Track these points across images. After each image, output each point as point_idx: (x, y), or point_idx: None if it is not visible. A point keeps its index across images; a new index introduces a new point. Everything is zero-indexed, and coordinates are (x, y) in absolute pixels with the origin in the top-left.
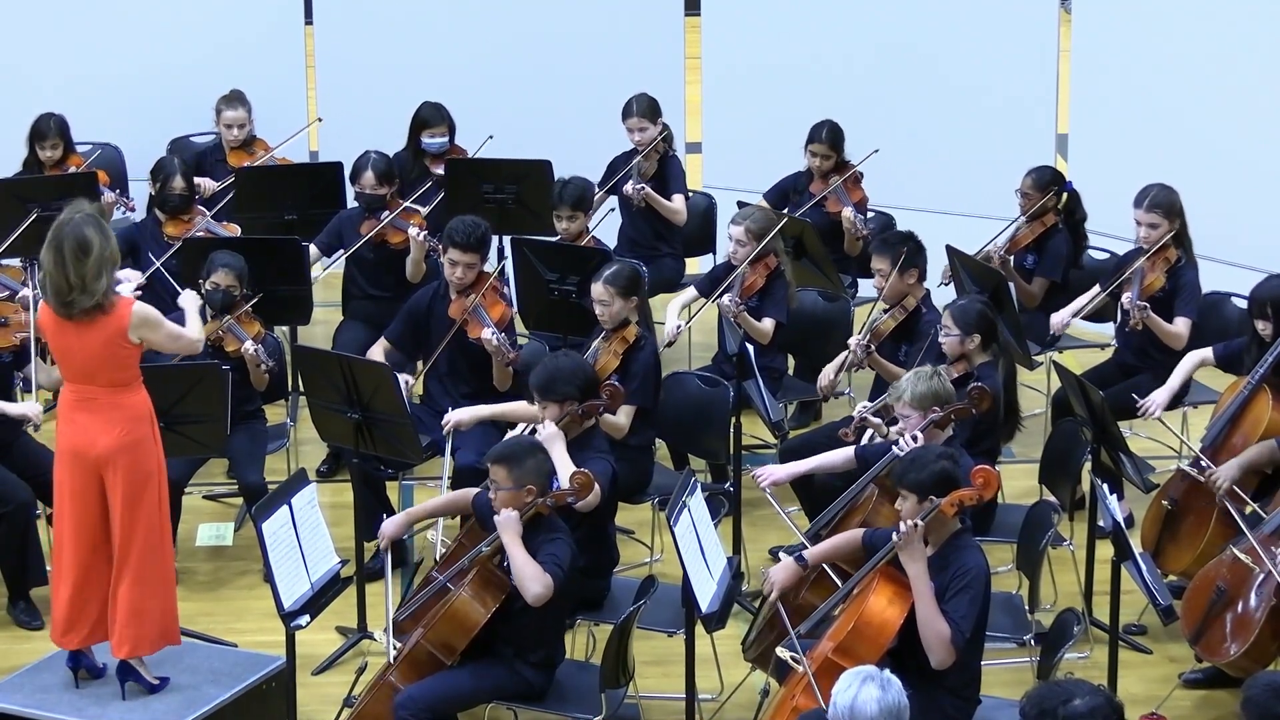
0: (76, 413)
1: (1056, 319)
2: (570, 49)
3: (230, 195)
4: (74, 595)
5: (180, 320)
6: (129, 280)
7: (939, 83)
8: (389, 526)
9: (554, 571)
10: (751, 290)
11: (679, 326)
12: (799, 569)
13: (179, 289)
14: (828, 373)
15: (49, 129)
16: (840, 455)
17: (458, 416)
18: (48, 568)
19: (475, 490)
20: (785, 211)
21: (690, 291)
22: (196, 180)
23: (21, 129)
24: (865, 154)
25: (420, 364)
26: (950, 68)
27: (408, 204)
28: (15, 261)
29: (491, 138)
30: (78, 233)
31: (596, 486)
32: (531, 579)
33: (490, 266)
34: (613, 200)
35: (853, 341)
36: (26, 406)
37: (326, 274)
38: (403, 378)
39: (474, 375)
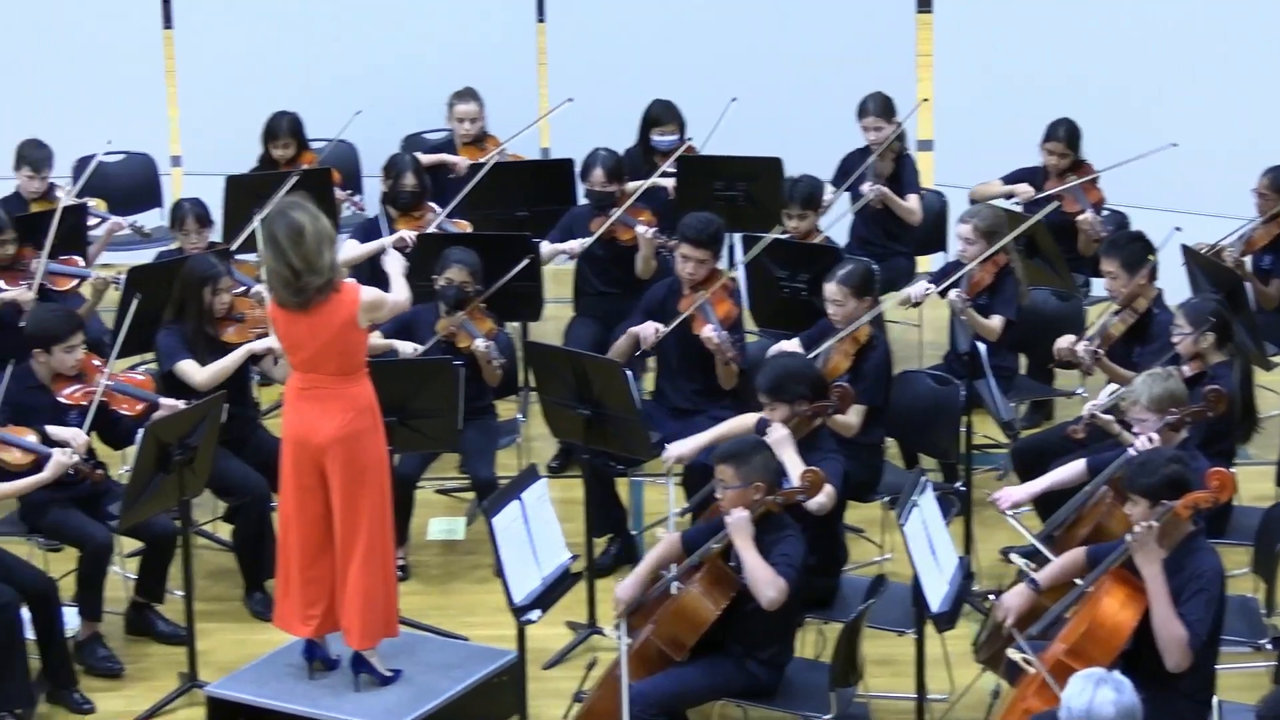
0: (301, 401)
1: None
2: (802, 47)
3: (463, 192)
4: (304, 584)
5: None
6: None
7: (1176, 81)
8: (623, 591)
9: (787, 573)
10: (979, 287)
11: (927, 288)
12: (1032, 594)
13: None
14: (1068, 338)
15: (280, 128)
16: (1072, 470)
17: (677, 451)
18: None
19: (677, 534)
20: (1019, 210)
21: (924, 284)
22: (448, 159)
23: (257, 127)
24: (1103, 152)
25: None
26: (1189, 67)
27: (636, 200)
28: (251, 257)
29: (735, 100)
30: (286, 219)
31: (828, 486)
32: (766, 583)
33: (725, 265)
34: (845, 199)
35: (1080, 347)
36: (270, 340)
37: (557, 270)
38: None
39: (704, 372)
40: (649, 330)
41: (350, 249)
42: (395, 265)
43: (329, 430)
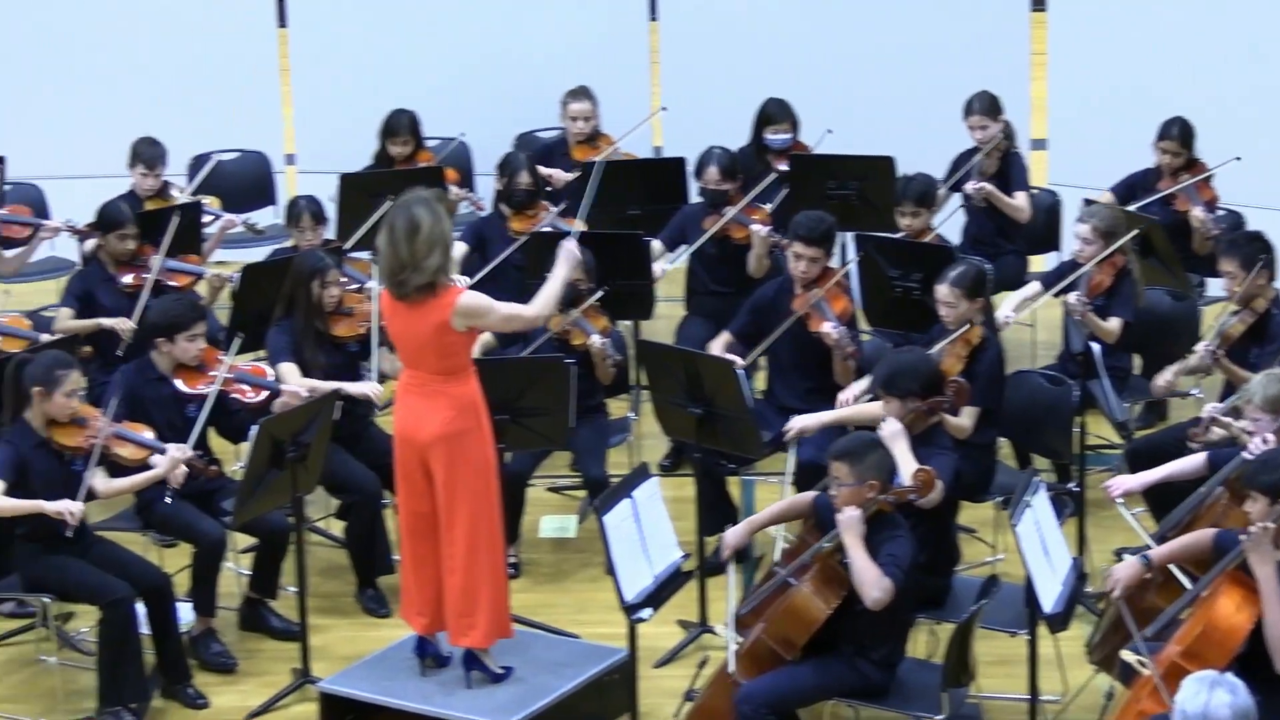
0: (408, 397)
1: None
2: (916, 45)
3: (588, 193)
4: (414, 580)
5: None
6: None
7: None
8: (731, 537)
9: (894, 574)
10: (1098, 289)
11: (1008, 317)
12: (1142, 568)
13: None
14: (1166, 374)
15: (400, 125)
16: (1192, 462)
17: (801, 423)
18: (394, 556)
19: (814, 493)
20: (1133, 209)
21: (1034, 286)
22: (546, 172)
23: (370, 126)
24: (1216, 151)
25: (755, 356)
26: None
27: (750, 199)
28: (364, 254)
29: (830, 132)
30: (408, 212)
31: (939, 484)
32: (871, 584)
33: (837, 264)
34: (957, 197)
35: (1200, 347)
36: (366, 386)
37: (670, 269)
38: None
39: (817, 371)
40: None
41: (456, 250)
42: (558, 273)
43: (432, 428)
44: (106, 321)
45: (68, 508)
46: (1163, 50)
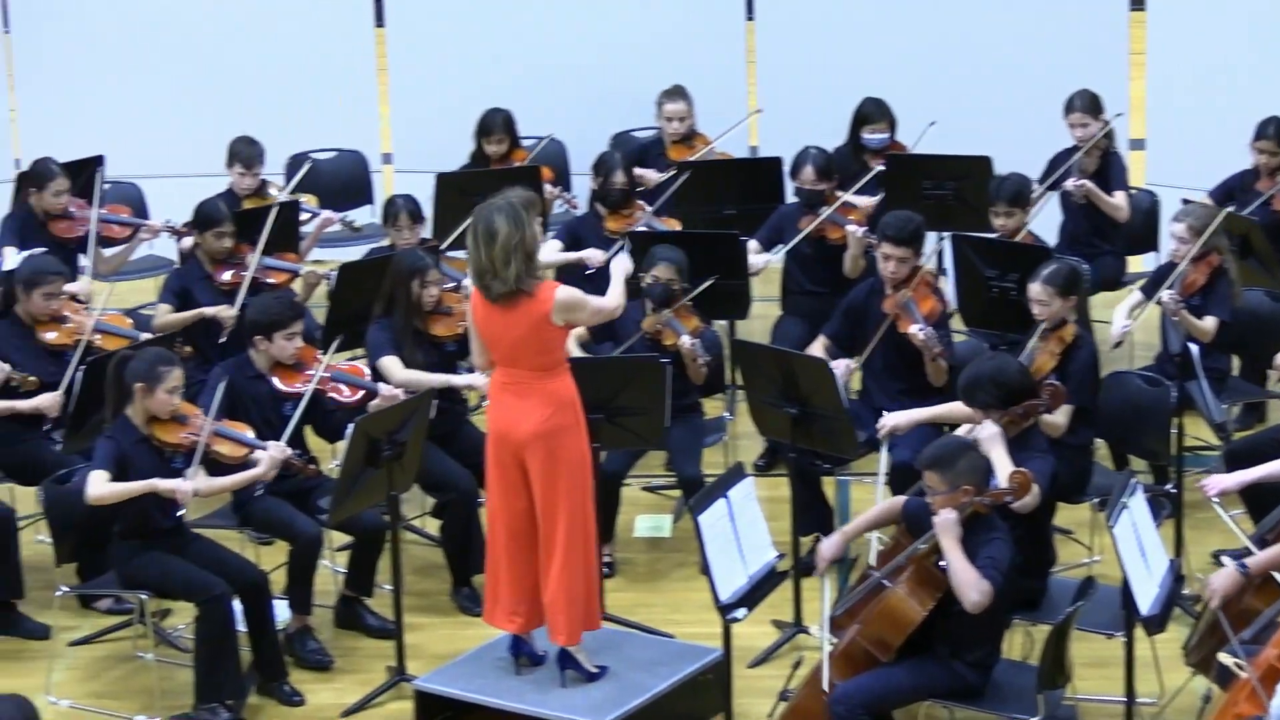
0: (503, 395)
1: None
2: (1012, 44)
3: (671, 190)
4: (508, 579)
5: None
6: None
7: None
8: (826, 548)
9: (992, 577)
10: (1193, 288)
11: (1125, 327)
12: (1241, 577)
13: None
14: None
15: (495, 124)
16: None
17: (894, 420)
18: None
19: (904, 498)
20: (1230, 209)
21: (1137, 294)
22: (639, 172)
23: (467, 125)
24: None
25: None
26: None
27: (846, 199)
28: (461, 253)
29: (934, 124)
30: (487, 219)
31: (1035, 486)
32: (970, 586)
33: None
34: (1054, 197)
35: None
36: (474, 377)
37: (765, 268)
38: (844, 363)
39: (909, 371)
40: (841, 368)
41: (549, 251)
42: (619, 269)
43: (529, 426)
44: (208, 310)
45: (180, 485)
46: (1261, 49)
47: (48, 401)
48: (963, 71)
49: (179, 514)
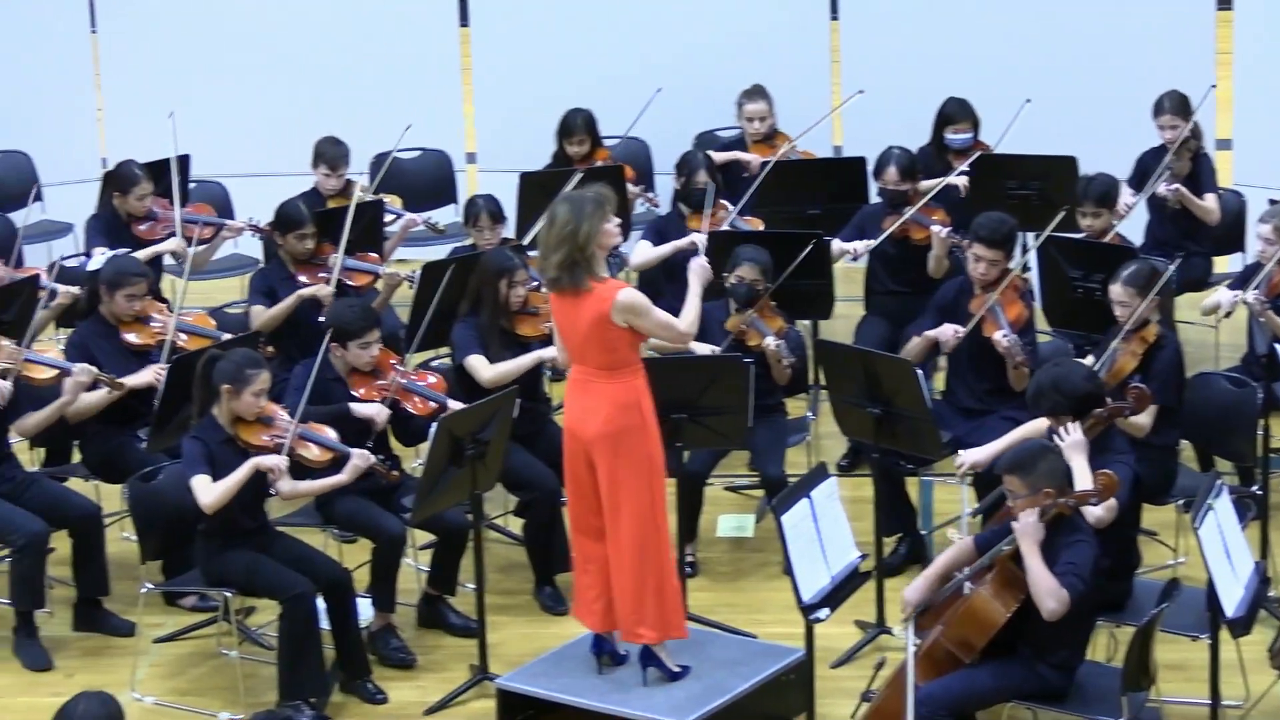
0: (575, 391)
1: None
2: (1098, 44)
3: (754, 189)
4: (582, 577)
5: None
6: None
7: None
8: (911, 593)
9: (1071, 584)
10: (1278, 289)
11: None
12: None
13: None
14: None
15: (575, 125)
16: None
17: (971, 457)
18: (572, 555)
19: (972, 536)
20: None
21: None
22: (742, 156)
23: (550, 124)
24: None
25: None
26: None
27: (930, 199)
28: None
29: (1029, 101)
30: (554, 205)
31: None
32: (1048, 594)
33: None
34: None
35: None
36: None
37: (848, 268)
38: (950, 328)
39: (994, 372)
40: (948, 333)
41: (643, 251)
42: (696, 281)
43: (595, 424)
44: (306, 290)
45: (277, 462)
46: None
47: (148, 377)
48: (1049, 69)
49: (264, 507)
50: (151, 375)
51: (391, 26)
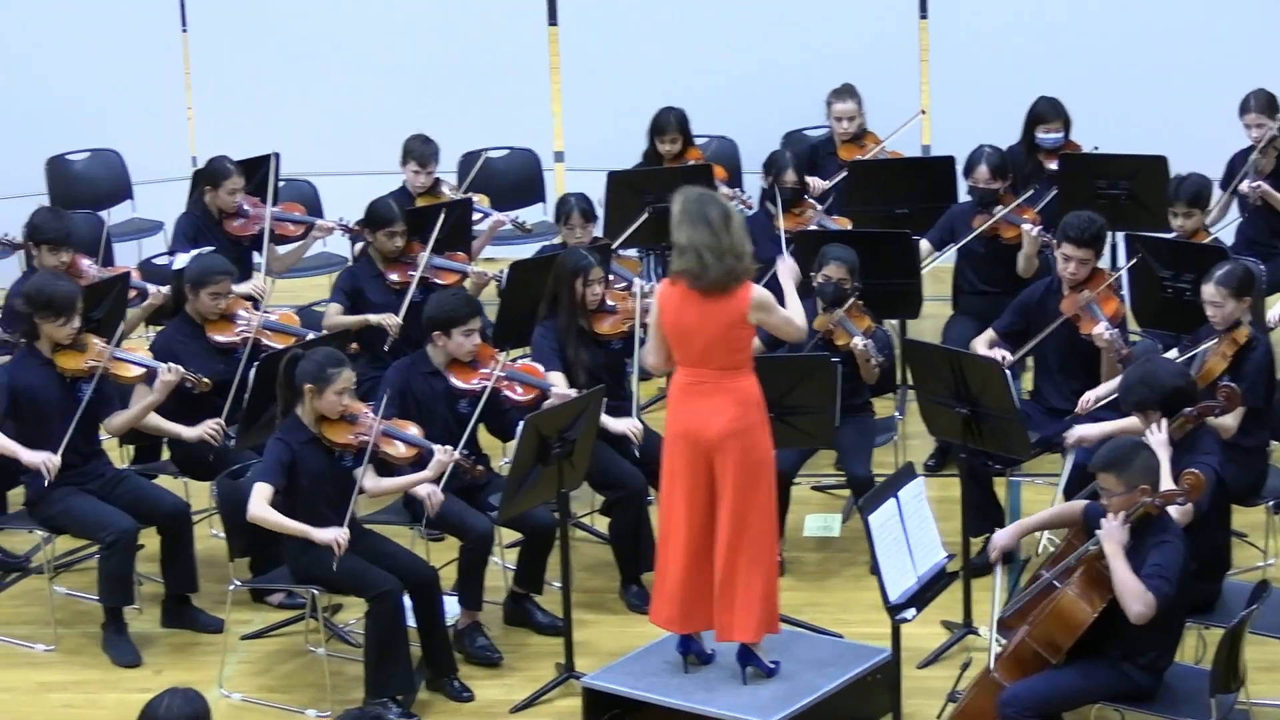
0: (689, 397)
1: None
2: (1190, 43)
3: (841, 189)
4: (686, 580)
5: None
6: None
7: None
8: (1000, 538)
9: (1157, 587)
10: None
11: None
12: None
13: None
14: None
15: (668, 123)
16: None
17: (1081, 431)
18: None
19: (1085, 501)
20: None
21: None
22: (806, 179)
23: (638, 124)
24: None
25: (1022, 355)
26: None
27: (1021, 199)
28: (633, 252)
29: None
30: (705, 207)
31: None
32: (1134, 597)
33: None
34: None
35: None
36: (625, 423)
37: (936, 268)
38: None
39: (1085, 373)
40: (995, 359)
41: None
42: (787, 280)
43: (720, 425)
44: (373, 318)
45: (335, 536)
46: None
47: (200, 432)
48: (1139, 68)
49: (351, 506)
50: (205, 431)
51: (480, 25)
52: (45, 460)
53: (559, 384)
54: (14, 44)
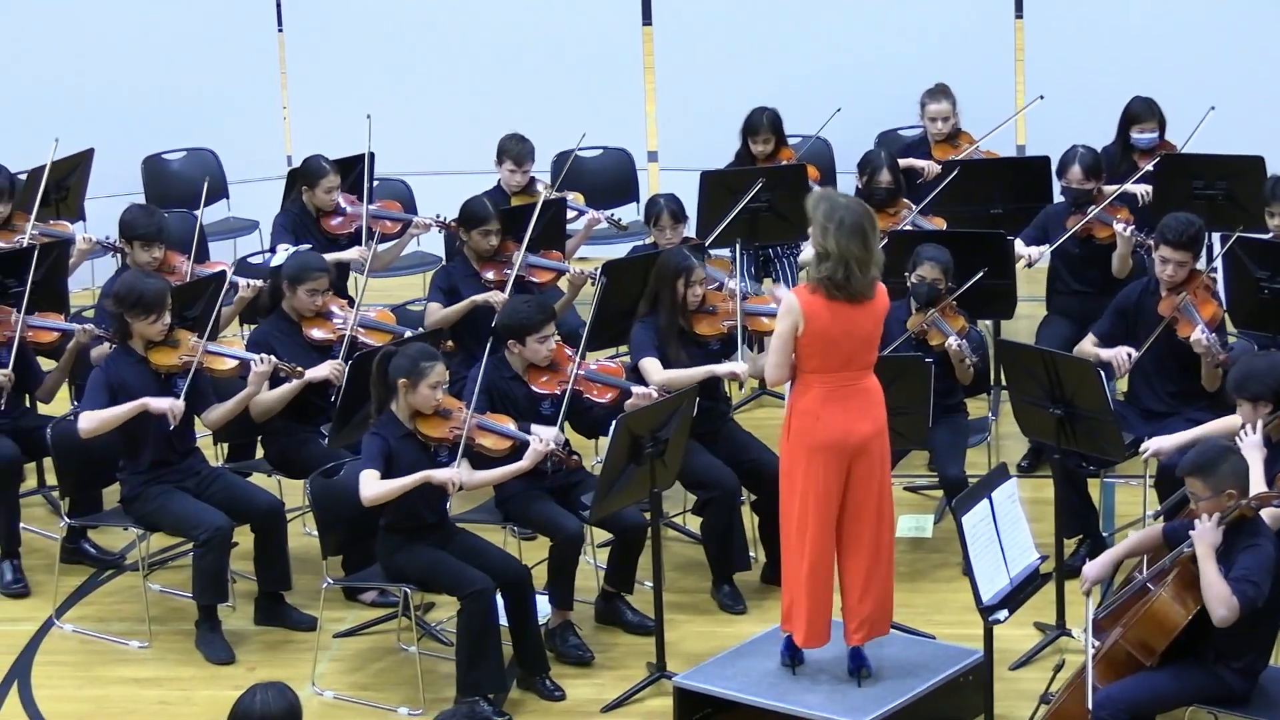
0: (831, 405)
1: None
2: None
3: (937, 189)
4: (825, 590)
5: None
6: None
7: None
8: (1091, 570)
9: (1242, 591)
10: None
11: None
12: None
13: None
14: None
15: (761, 123)
16: None
17: (1157, 444)
18: (750, 554)
19: (1163, 524)
20: None
21: None
22: (919, 163)
23: (731, 123)
24: None
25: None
26: None
27: (1115, 198)
28: (724, 252)
29: (1213, 109)
30: (862, 216)
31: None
32: (1219, 601)
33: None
34: None
35: None
36: (734, 365)
37: (1032, 268)
38: (1124, 350)
39: (1181, 375)
40: (1122, 357)
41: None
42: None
43: (867, 426)
44: (479, 296)
45: (451, 474)
46: None
47: (325, 371)
48: (1235, 69)
49: (445, 504)
50: (330, 370)
51: (575, 25)
52: (171, 405)
53: (655, 370)
54: (111, 45)
